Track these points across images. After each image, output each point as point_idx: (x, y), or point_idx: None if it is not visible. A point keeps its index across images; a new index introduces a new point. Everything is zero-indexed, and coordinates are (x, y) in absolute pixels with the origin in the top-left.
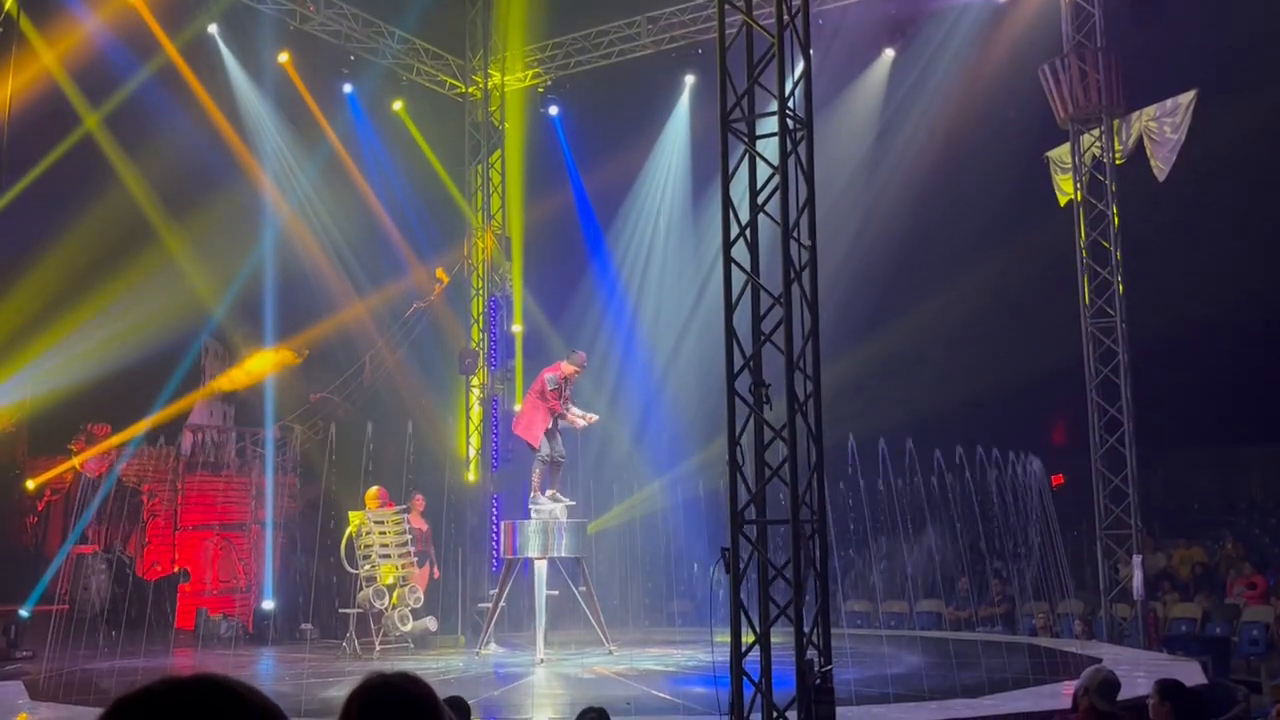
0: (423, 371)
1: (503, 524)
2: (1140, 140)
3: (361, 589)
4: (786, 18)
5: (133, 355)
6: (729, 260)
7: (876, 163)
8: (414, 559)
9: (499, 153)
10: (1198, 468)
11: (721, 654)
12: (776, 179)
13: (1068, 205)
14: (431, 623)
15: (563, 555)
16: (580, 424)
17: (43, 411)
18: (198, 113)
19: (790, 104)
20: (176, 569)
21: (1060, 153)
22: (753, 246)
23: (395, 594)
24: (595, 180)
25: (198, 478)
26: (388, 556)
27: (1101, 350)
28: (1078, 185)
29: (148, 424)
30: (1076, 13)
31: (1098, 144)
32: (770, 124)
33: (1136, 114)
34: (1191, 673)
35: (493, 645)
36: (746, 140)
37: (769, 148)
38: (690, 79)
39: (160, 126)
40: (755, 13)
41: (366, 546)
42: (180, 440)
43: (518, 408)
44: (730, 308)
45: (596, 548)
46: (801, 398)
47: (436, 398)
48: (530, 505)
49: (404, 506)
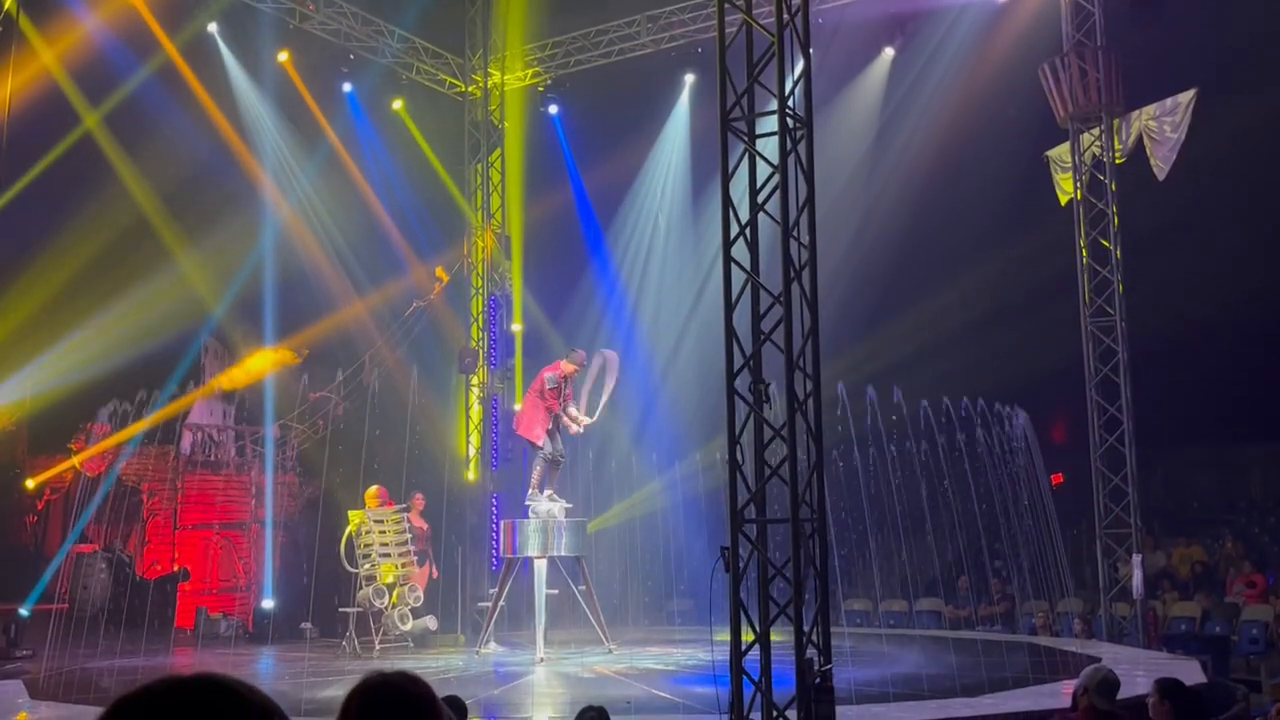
0: (422, 371)
1: (502, 523)
2: (1140, 139)
3: (361, 588)
4: (786, 17)
5: (132, 354)
6: (729, 259)
7: (876, 162)
8: (414, 558)
9: (499, 152)
10: (1197, 467)
11: (721, 653)
12: (776, 178)
13: (1068, 204)
14: (431, 622)
15: (562, 554)
16: (574, 428)
17: (42, 411)
18: (197, 112)
19: (790, 103)
20: (176, 568)
21: (1060, 152)
22: (752, 246)
23: (395, 593)
24: (595, 179)
25: (197, 477)
26: (387, 555)
27: (1101, 349)
28: (1078, 184)
29: (146, 423)
30: (1076, 12)
31: (1098, 143)
32: (770, 123)
33: (1136, 113)
34: (1191, 671)
35: (492, 644)
36: (746, 139)
37: (769, 147)
38: (690, 78)
39: (160, 126)
40: (755, 12)
41: (366, 545)
42: (180, 439)
43: (517, 407)
44: (730, 307)
45: (596, 547)
46: (801, 397)
47: (436, 397)
48: (527, 501)
49: (404, 505)
